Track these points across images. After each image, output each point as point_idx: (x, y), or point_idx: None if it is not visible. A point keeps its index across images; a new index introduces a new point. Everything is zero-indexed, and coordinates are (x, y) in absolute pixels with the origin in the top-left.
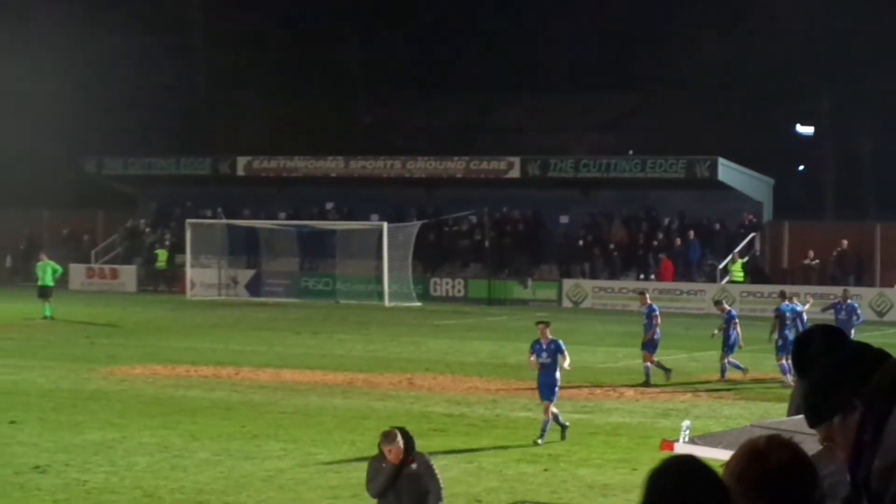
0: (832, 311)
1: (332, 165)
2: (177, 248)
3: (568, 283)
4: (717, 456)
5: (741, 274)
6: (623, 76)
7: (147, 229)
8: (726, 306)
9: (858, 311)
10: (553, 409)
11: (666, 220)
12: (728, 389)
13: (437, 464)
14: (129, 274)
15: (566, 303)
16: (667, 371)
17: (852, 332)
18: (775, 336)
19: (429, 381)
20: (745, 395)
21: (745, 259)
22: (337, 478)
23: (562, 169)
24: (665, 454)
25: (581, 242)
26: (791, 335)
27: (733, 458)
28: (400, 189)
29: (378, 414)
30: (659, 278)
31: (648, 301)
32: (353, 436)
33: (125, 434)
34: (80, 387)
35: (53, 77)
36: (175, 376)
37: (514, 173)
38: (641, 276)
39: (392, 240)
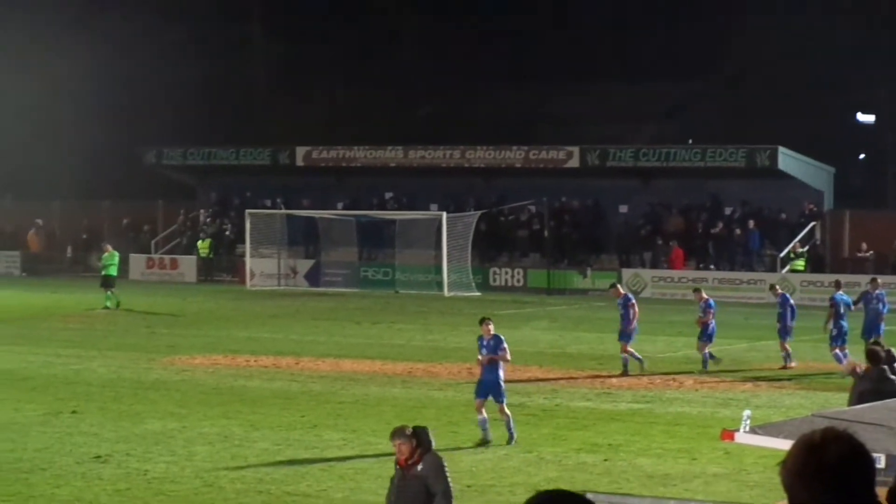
0: (862, 301)
1: (392, 155)
2: (237, 238)
3: (627, 273)
4: (778, 446)
5: (802, 263)
6: (683, 65)
7: (207, 220)
8: (704, 295)
9: (885, 300)
10: (506, 410)
11: (726, 210)
12: (789, 379)
13: (497, 454)
14: (188, 264)
15: (625, 291)
16: (640, 361)
17: (882, 323)
18: (830, 325)
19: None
20: (805, 384)
21: (807, 248)
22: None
23: (621, 158)
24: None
25: (641, 232)
26: (846, 325)
27: (790, 454)
28: (459, 179)
29: (437, 404)
30: (670, 266)
31: (622, 292)
32: (412, 425)
33: (185, 424)
34: (141, 377)
35: (114, 69)
36: (235, 366)
37: (574, 163)
38: (701, 266)
39: (451, 230)
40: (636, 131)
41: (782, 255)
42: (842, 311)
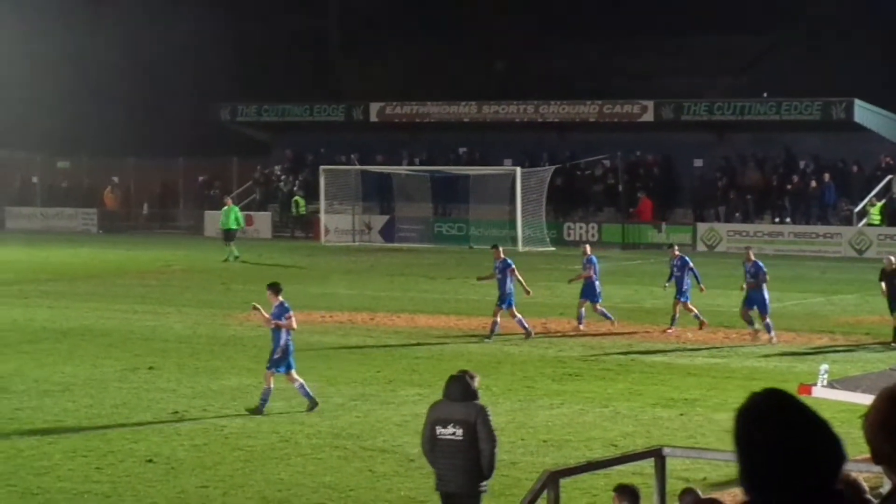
0: None
1: (465, 111)
2: (310, 194)
3: (702, 227)
4: (856, 400)
5: (878, 217)
6: (758, 17)
7: (281, 176)
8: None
9: None
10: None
11: (801, 163)
12: (866, 333)
13: (572, 409)
14: (263, 220)
15: (701, 246)
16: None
17: None
18: None
19: (563, 325)
20: (883, 338)
21: (883, 202)
22: None
23: (696, 112)
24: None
25: (717, 186)
26: None
27: (872, 408)
28: (533, 134)
29: (513, 359)
30: (638, 218)
31: (502, 255)
32: (488, 381)
33: (261, 380)
34: (217, 333)
35: (187, 25)
36: (310, 322)
37: (648, 117)
38: (776, 220)
39: (525, 184)
40: (711, 85)
41: (858, 209)
42: None
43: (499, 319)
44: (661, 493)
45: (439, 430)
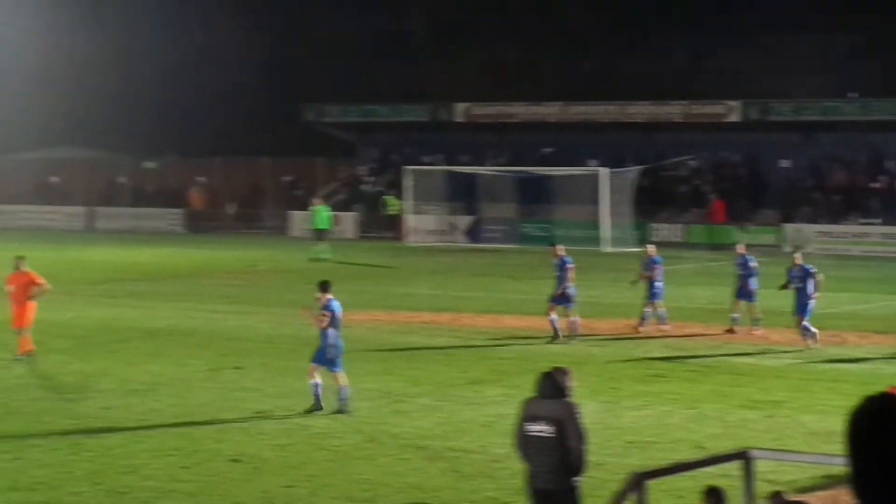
0: None
1: (551, 111)
2: (395, 195)
3: (789, 228)
4: None
5: None
6: (846, 16)
7: (367, 176)
8: (650, 251)
9: None
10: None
11: (889, 164)
12: None
13: (658, 410)
14: (349, 220)
15: (787, 247)
16: (555, 334)
17: None
18: None
19: (649, 326)
20: None
21: None
22: None
23: (782, 112)
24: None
25: (804, 186)
26: None
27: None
28: (618, 134)
29: (597, 359)
30: (711, 220)
31: (560, 253)
32: (573, 382)
33: (347, 380)
34: (302, 333)
35: (274, 26)
36: (395, 322)
37: (734, 117)
38: (862, 221)
39: (611, 185)
40: (798, 84)
41: None
42: None
43: (577, 319)
44: (749, 495)
45: (529, 426)
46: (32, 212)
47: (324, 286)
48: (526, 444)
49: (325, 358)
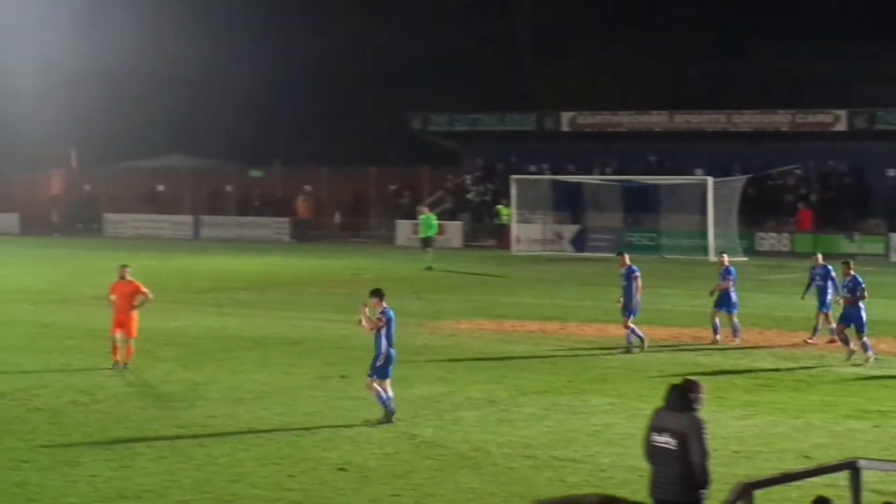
0: None
1: (657, 120)
2: (507, 203)
3: (895, 237)
4: None
5: None
6: None
7: (472, 185)
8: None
9: None
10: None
11: None
12: None
13: (764, 420)
14: (454, 229)
15: (894, 257)
16: (641, 338)
17: None
18: None
19: (755, 335)
20: None
21: None
22: None
23: (889, 121)
24: None
25: None
26: None
27: None
28: (724, 143)
29: (704, 369)
30: (797, 228)
31: (627, 262)
32: (704, 395)
33: (453, 388)
34: (408, 341)
35: (381, 36)
36: (501, 331)
37: (841, 126)
38: None
39: (717, 194)
40: None
41: None
42: None
43: (635, 327)
44: None
45: (655, 437)
46: (141, 220)
47: (378, 293)
48: (651, 454)
49: (378, 369)
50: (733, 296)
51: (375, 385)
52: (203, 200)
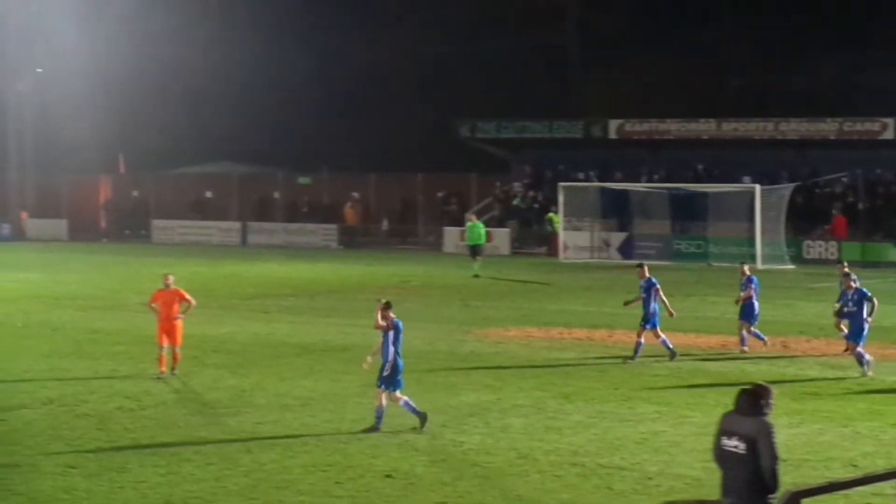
0: None
1: (704, 128)
2: (547, 210)
3: None
4: None
5: None
6: None
7: (520, 192)
8: (646, 272)
9: None
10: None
11: None
12: None
13: (811, 428)
14: (502, 237)
15: None
16: (670, 350)
17: None
18: None
19: (802, 344)
20: None
21: None
22: (710, 441)
23: None
24: None
25: None
26: None
27: None
28: (772, 151)
29: (751, 377)
30: (832, 235)
31: (647, 274)
32: (727, 399)
33: (500, 396)
34: (455, 349)
35: (430, 43)
36: (549, 338)
37: (888, 134)
38: None
39: (764, 202)
40: None
41: None
42: None
43: (643, 340)
44: None
45: (724, 441)
46: (189, 227)
47: (387, 305)
48: (721, 458)
49: (386, 379)
50: (756, 305)
51: (383, 396)
52: (251, 207)
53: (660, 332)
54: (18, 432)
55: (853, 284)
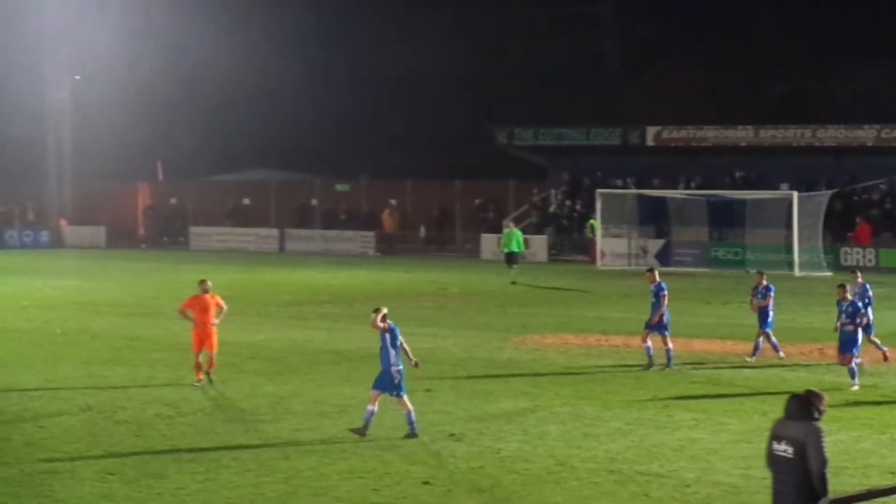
0: None
1: (742, 135)
2: (585, 217)
3: None
4: None
5: None
6: None
7: (557, 199)
8: (657, 276)
9: None
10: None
11: None
12: None
13: (849, 435)
14: (539, 244)
15: None
16: (669, 358)
17: None
18: None
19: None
20: None
21: None
22: (749, 448)
23: None
24: None
25: None
26: None
27: None
28: (809, 158)
29: (789, 384)
30: (855, 242)
31: (657, 279)
32: (765, 406)
33: (538, 403)
34: (493, 356)
35: (470, 49)
36: (586, 346)
37: None
38: None
39: (802, 209)
40: None
41: None
42: None
43: (650, 343)
44: None
45: (774, 445)
46: (227, 234)
47: (378, 311)
48: (771, 462)
49: (387, 383)
50: (771, 314)
51: (377, 402)
52: (289, 214)
53: (668, 340)
54: (57, 439)
55: (849, 296)
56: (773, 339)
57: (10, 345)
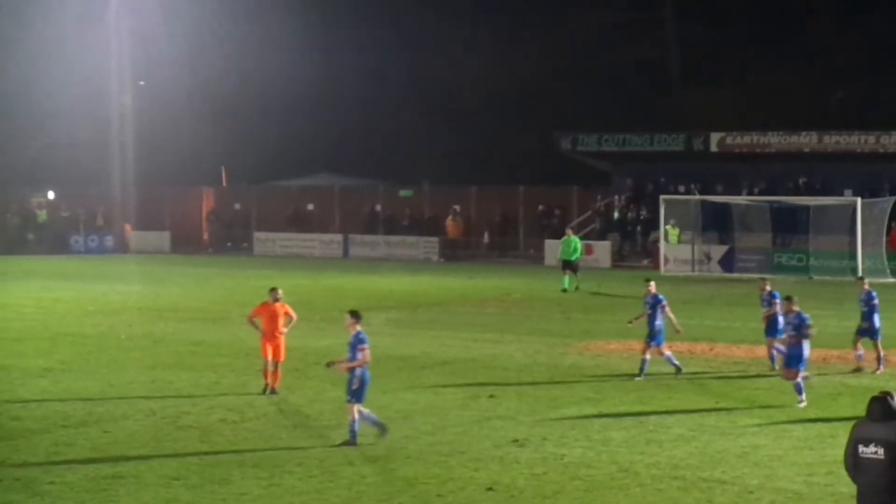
0: None
1: (806, 141)
2: (650, 223)
3: None
4: None
5: None
6: None
7: (620, 205)
8: (652, 288)
9: None
10: None
11: None
12: None
13: None
14: (603, 250)
15: None
16: (676, 367)
17: None
18: None
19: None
20: None
21: None
22: (812, 455)
23: None
24: None
25: None
26: None
27: None
28: (873, 164)
29: (852, 391)
30: (892, 247)
31: (652, 290)
32: (827, 413)
33: (601, 409)
34: (557, 361)
35: (534, 56)
36: (650, 352)
37: None
38: None
39: (865, 215)
40: None
41: None
42: None
43: (648, 356)
44: None
45: (861, 448)
46: (290, 239)
47: (356, 315)
48: (856, 466)
49: (354, 392)
50: (780, 321)
51: (354, 409)
52: (352, 219)
53: (664, 350)
54: (122, 444)
55: (794, 308)
56: (779, 347)
57: (75, 350)
